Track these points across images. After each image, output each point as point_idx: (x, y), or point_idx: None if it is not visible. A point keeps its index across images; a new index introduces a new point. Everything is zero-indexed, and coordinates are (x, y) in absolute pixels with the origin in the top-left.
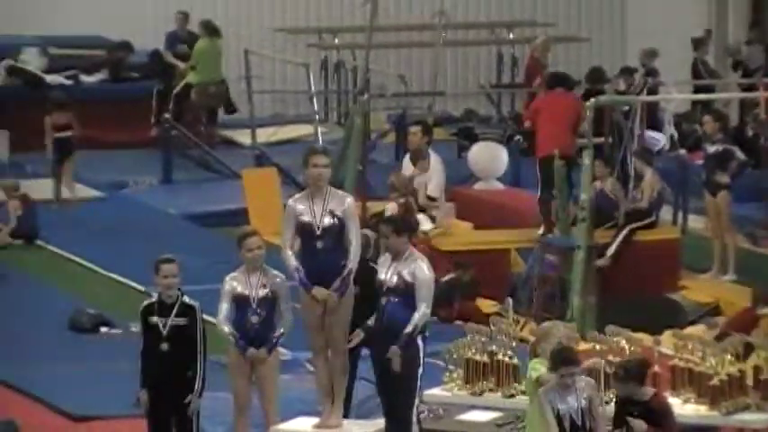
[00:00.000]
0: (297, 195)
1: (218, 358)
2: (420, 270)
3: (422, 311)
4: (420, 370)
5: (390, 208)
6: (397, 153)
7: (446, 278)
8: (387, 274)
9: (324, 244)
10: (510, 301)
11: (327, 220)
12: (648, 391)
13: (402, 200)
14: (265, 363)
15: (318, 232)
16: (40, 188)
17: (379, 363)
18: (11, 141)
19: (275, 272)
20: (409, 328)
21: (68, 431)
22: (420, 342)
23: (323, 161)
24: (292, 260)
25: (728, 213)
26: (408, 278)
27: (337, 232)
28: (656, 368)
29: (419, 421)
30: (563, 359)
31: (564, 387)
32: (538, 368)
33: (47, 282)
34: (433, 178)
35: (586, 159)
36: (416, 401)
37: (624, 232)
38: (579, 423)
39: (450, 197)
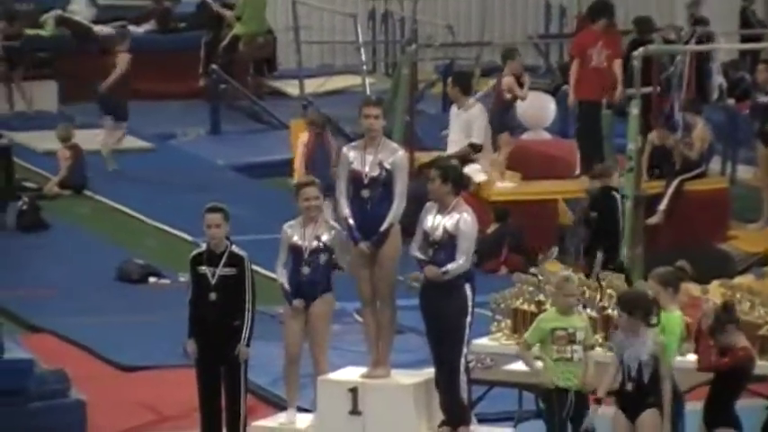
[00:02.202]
0: (353, 143)
1: (267, 308)
2: (464, 222)
3: (459, 262)
4: (469, 319)
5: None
6: (444, 103)
7: (490, 230)
8: (431, 226)
9: (370, 194)
10: (555, 250)
11: (375, 170)
12: (740, 341)
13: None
14: (317, 311)
15: (366, 181)
16: (90, 139)
17: (427, 312)
18: (60, 92)
19: (332, 222)
20: (442, 269)
21: (117, 381)
22: (468, 291)
23: (374, 112)
24: (345, 210)
25: None
26: (452, 231)
27: (384, 183)
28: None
29: (468, 370)
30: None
31: (635, 334)
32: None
33: (95, 232)
34: (474, 126)
35: (634, 109)
36: (464, 350)
37: (674, 184)
38: (635, 375)
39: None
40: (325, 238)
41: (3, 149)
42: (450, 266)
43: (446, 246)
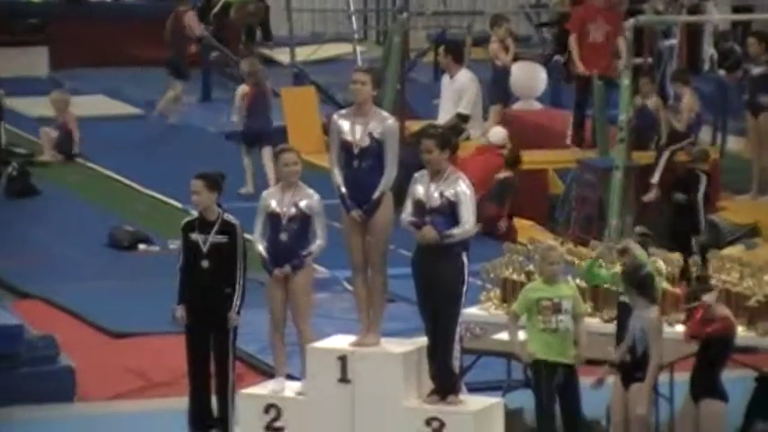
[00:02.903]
0: (343, 111)
1: (257, 276)
2: (464, 189)
3: (465, 227)
4: (464, 287)
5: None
6: (435, 72)
7: (501, 176)
8: (428, 193)
9: (360, 163)
10: None
11: (366, 140)
12: (720, 311)
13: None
14: (297, 280)
15: (356, 151)
16: (81, 104)
17: (423, 279)
18: (50, 58)
19: (310, 190)
20: (447, 232)
21: (107, 347)
22: (465, 259)
23: (361, 78)
24: (338, 178)
25: None
26: (452, 198)
27: (375, 153)
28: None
29: (461, 339)
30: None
31: (637, 307)
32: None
33: (85, 199)
34: (464, 96)
35: (625, 80)
36: (460, 319)
37: (665, 156)
38: (632, 347)
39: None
40: (303, 204)
41: None
42: (455, 230)
43: (444, 212)
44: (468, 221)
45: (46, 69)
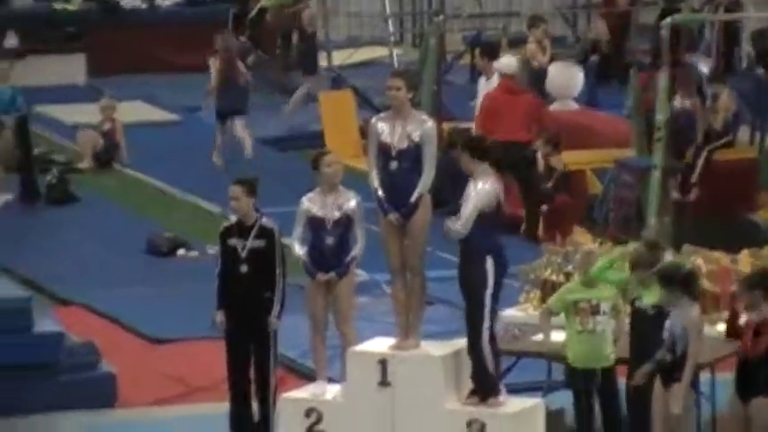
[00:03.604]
0: (382, 114)
1: (297, 280)
2: (471, 189)
3: (456, 225)
4: (489, 291)
5: None
6: (471, 74)
7: (560, 171)
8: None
9: (398, 165)
10: None
11: (404, 143)
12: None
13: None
14: (340, 284)
15: (394, 154)
16: (119, 111)
17: (459, 282)
18: (88, 65)
19: (351, 193)
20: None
21: (147, 353)
22: (489, 263)
23: (397, 83)
24: (375, 181)
25: None
26: (464, 198)
27: (413, 155)
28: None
29: (493, 341)
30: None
31: (674, 306)
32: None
33: (123, 205)
34: None
35: (662, 80)
36: (486, 321)
37: (703, 155)
38: (671, 346)
39: None
40: (347, 207)
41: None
42: (449, 224)
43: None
44: (460, 220)
45: (83, 77)
